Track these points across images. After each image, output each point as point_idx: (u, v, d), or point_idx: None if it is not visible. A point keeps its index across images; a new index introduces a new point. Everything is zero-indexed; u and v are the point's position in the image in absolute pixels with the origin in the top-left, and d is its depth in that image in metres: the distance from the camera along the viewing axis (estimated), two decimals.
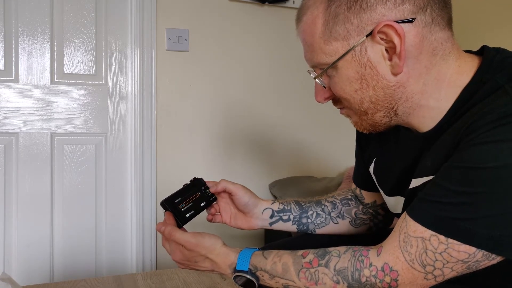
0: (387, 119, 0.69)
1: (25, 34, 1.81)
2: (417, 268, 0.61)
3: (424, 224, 0.60)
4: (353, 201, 0.99)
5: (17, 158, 1.81)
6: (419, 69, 0.64)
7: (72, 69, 1.88)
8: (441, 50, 0.64)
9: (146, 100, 1.94)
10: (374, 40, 0.63)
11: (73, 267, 1.89)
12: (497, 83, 0.60)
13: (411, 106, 0.66)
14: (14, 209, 1.81)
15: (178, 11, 1.99)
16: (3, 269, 1.78)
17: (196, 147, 2.04)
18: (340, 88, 0.68)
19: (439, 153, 0.64)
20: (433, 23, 0.63)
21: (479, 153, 0.56)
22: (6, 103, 1.79)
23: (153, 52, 1.94)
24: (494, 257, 0.58)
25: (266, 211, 0.96)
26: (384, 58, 0.63)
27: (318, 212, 0.97)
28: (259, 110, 2.15)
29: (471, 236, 0.57)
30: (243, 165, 2.13)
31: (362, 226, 0.98)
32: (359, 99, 0.67)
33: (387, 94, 0.65)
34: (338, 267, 0.67)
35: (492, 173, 0.55)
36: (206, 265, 0.80)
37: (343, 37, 0.64)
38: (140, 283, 1.34)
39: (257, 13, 2.11)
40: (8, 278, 0.96)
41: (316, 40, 0.66)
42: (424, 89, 0.65)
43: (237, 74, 2.10)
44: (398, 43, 0.61)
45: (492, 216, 0.56)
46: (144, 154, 1.94)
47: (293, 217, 0.96)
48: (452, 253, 0.58)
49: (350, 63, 0.65)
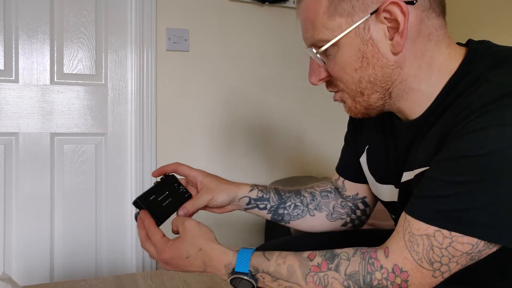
0: (382, 101, 0.70)
1: (25, 34, 1.81)
2: (426, 267, 0.61)
3: (426, 220, 0.60)
4: (333, 193, 0.98)
5: (17, 158, 1.81)
6: (414, 52, 0.66)
7: (72, 69, 1.88)
8: (435, 36, 0.67)
9: (146, 100, 1.94)
10: (378, 18, 0.64)
11: (73, 267, 1.89)
12: (480, 72, 0.62)
13: (404, 89, 0.68)
14: (14, 209, 1.81)
15: (178, 11, 1.99)
16: (3, 269, 1.78)
17: (196, 147, 2.04)
18: (340, 67, 0.69)
19: (429, 145, 0.65)
20: (430, 9, 0.66)
21: (467, 142, 0.57)
22: (6, 103, 1.79)
23: (153, 52, 1.94)
24: (494, 245, 0.59)
25: (243, 199, 0.93)
26: (385, 37, 0.65)
27: (296, 203, 0.95)
28: (259, 110, 2.15)
29: (473, 227, 0.58)
30: (243, 165, 2.13)
31: (338, 220, 0.96)
32: (358, 78, 0.68)
33: (385, 73, 0.67)
34: (349, 271, 0.65)
35: (482, 160, 0.56)
36: (198, 262, 0.73)
37: (348, 13, 0.65)
38: (140, 283, 1.34)
39: (257, 13, 2.11)
40: (8, 278, 0.96)
41: (320, 15, 0.67)
42: (418, 72, 0.67)
43: (237, 74, 2.11)
44: (402, 20, 0.63)
45: (489, 204, 0.57)
46: (144, 154, 1.94)
47: (270, 206, 0.94)
48: (457, 246, 0.59)
49: (353, 40, 0.66)
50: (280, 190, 0.97)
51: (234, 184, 0.93)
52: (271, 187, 0.97)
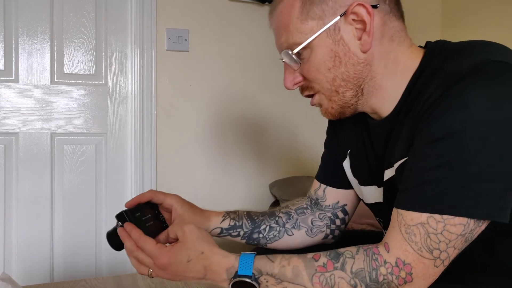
0: (355, 98, 0.75)
1: (25, 34, 1.81)
2: (426, 256, 0.62)
3: (417, 209, 0.63)
4: (309, 209, 0.98)
5: (17, 158, 1.81)
6: (381, 51, 0.72)
7: (72, 69, 1.88)
8: (397, 37, 0.74)
9: (146, 100, 1.94)
10: (346, 20, 0.71)
11: (73, 267, 1.89)
12: (436, 65, 0.68)
13: (374, 85, 0.74)
14: (14, 209, 1.81)
15: (178, 11, 1.99)
16: (3, 269, 1.78)
17: (196, 147, 2.04)
18: (314, 67, 0.74)
19: (403, 139, 0.70)
20: (391, 13, 0.73)
21: (436, 127, 0.62)
22: (6, 103, 1.79)
23: (153, 52, 1.94)
24: (483, 222, 0.62)
25: (215, 230, 0.93)
26: (354, 37, 0.71)
27: (271, 225, 0.96)
28: (260, 110, 2.15)
29: (460, 206, 0.60)
30: (243, 165, 2.13)
31: (319, 234, 0.96)
32: (332, 77, 0.73)
33: (356, 71, 0.72)
34: (355, 269, 0.65)
35: (453, 140, 0.60)
36: (198, 267, 0.70)
37: (319, 16, 0.71)
38: (140, 283, 1.34)
39: (257, 13, 2.11)
40: (8, 278, 0.96)
41: (293, 20, 0.73)
42: (385, 70, 0.73)
43: (237, 74, 2.11)
44: (369, 20, 0.69)
45: (469, 181, 0.60)
46: (144, 154, 1.94)
47: (244, 233, 0.95)
48: (451, 229, 0.61)
49: (325, 41, 0.72)
50: (253, 215, 0.97)
51: (205, 216, 0.92)
52: (243, 213, 0.97)
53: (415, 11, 2.44)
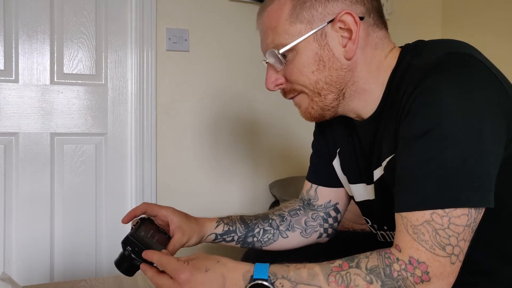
0: (336, 102, 0.78)
1: (25, 34, 1.81)
2: (440, 253, 0.62)
3: (419, 208, 0.63)
4: (302, 210, 1.00)
5: (17, 158, 1.81)
6: (364, 58, 0.75)
7: (72, 69, 1.88)
8: (381, 44, 0.77)
9: (146, 100, 1.94)
10: (333, 27, 0.74)
11: (73, 267, 1.89)
12: (407, 62, 0.72)
13: (356, 89, 0.77)
14: (14, 209, 1.81)
15: (178, 11, 1.99)
16: (3, 269, 1.78)
17: (196, 147, 2.04)
18: (298, 70, 0.76)
19: (388, 137, 0.73)
20: (374, 25, 0.76)
21: (417, 122, 0.64)
22: (6, 103, 1.79)
23: (153, 52, 1.94)
24: (481, 208, 0.64)
25: (209, 237, 0.95)
26: (339, 44, 0.74)
27: (265, 228, 0.97)
28: (260, 110, 2.15)
29: (458, 198, 0.62)
30: (243, 165, 2.13)
31: (313, 234, 0.98)
32: (315, 80, 0.76)
33: (339, 75, 0.75)
34: (370, 266, 0.66)
35: (436, 132, 0.62)
36: (217, 276, 0.70)
37: (307, 21, 0.74)
38: (140, 283, 1.34)
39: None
40: (8, 278, 0.96)
41: (282, 22, 0.76)
42: (368, 75, 0.76)
43: (237, 74, 2.10)
44: (355, 29, 0.72)
45: (462, 170, 0.61)
46: (144, 154, 1.94)
47: (238, 237, 0.96)
48: (456, 221, 0.62)
49: (311, 45, 0.74)
50: (246, 219, 0.98)
51: (200, 223, 0.94)
52: (236, 217, 0.98)
53: (415, 11, 2.44)
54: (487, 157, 0.62)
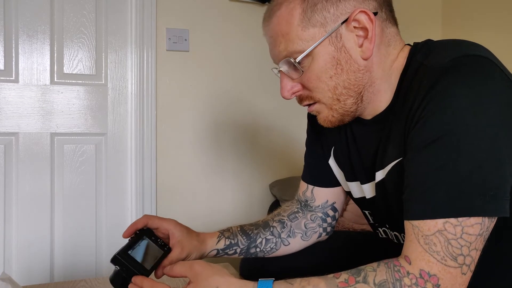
0: (355, 106, 0.75)
1: (25, 34, 1.81)
2: (451, 264, 0.60)
3: (431, 217, 0.61)
4: (300, 212, 0.99)
5: (17, 158, 1.81)
6: (379, 56, 0.73)
7: (72, 69, 1.88)
8: (393, 42, 0.74)
9: (146, 100, 1.94)
10: (348, 27, 0.70)
11: (73, 267, 1.89)
12: (418, 62, 0.69)
13: (373, 91, 0.74)
14: (14, 209, 1.81)
15: (178, 11, 1.99)
16: (3, 269, 1.78)
17: (196, 147, 2.04)
18: (316, 76, 0.72)
19: (396, 139, 0.70)
20: (387, 20, 0.73)
21: (429, 129, 0.61)
22: (6, 103, 1.79)
23: (153, 52, 1.93)
24: (494, 218, 0.61)
25: (211, 253, 0.93)
26: (355, 44, 0.71)
27: (267, 237, 0.95)
28: (260, 110, 2.15)
29: (472, 206, 0.59)
30: (244, 164, 2.13)
31: (313, 235, 0.97)
32: (334, 85, 0.72)
33: (357, 78, 0.72)
34: (378, 281, 0.63)
35: (446, 140, 0.60)
36: None
37: (320, 24, 0.70)
38: None
39: (257, 13, 2.11)
40: (8, 278, 0.96)
41: (294, 28, 0.71)
42: (383, 74, 0.73)
43: (237, 74, 2.10)
44: (371, 27, 0.69)
45: (476, 178, 0.59)
46: (144, 154, 1.94)
47: (240, 249, 0.94)
48: (469, 231, 0.59)
49: (327, 48, 0.71)
50: (247, 229, 0.96)
51: (201, 240, 0.92)
52: (237, 229, 0.96)
53: (415, 11, 2.44)
54: (503, 164, 0.60)
